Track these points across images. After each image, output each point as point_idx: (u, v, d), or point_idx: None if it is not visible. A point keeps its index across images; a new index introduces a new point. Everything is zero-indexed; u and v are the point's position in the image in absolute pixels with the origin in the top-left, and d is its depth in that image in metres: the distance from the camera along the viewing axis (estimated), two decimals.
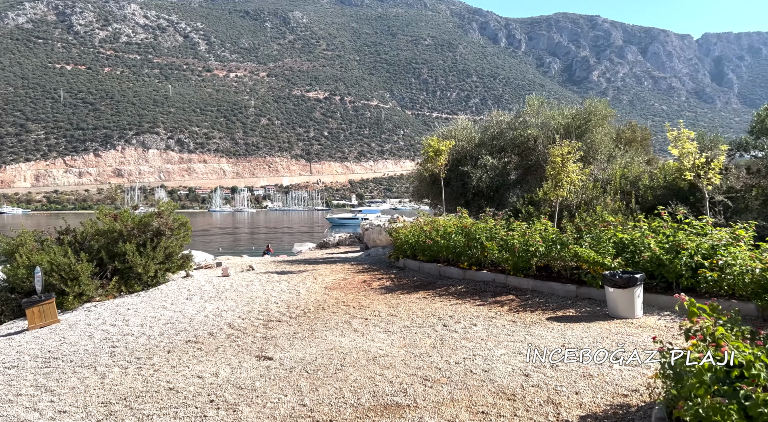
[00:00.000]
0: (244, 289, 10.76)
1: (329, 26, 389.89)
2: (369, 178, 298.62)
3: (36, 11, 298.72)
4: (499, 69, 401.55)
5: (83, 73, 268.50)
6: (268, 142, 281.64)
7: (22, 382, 6.06)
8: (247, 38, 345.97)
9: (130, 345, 7.31)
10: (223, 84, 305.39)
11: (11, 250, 11.40)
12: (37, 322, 9.22)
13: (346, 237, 22.21)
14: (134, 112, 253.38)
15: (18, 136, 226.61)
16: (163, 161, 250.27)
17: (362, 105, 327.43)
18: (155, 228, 12.04)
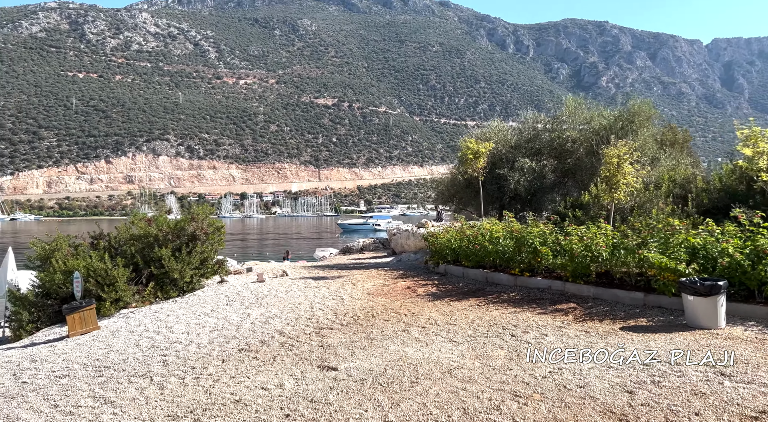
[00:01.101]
0: (284, 295, 10.48)
1: (338, 33, 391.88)
2: (377, 184, 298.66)
3: (49, 20, 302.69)
4: (507, 75, 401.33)
5: (95, 80, 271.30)
6: (277, 149, 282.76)
7: (78, 392, 5.80)
8: (256, 45, 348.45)
9: (181, 354, 7.04)
10: (233, 91, 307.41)
11: (46, 256, 11.21)
12: (77, 329, 8.99)
13: (369, 242, 21.92)
14: (145, 119, 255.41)
15: (31, 143, 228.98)
16: (173, 168, 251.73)
17: (370, 111, 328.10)
18: (190, 233, 11.83)
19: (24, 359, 7.65)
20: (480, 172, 12.20)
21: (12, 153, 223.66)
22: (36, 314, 10.28)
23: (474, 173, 12.25)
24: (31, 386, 6.18)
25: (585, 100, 14.00)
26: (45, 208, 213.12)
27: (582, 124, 13.45)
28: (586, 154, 12.43)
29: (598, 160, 10.72)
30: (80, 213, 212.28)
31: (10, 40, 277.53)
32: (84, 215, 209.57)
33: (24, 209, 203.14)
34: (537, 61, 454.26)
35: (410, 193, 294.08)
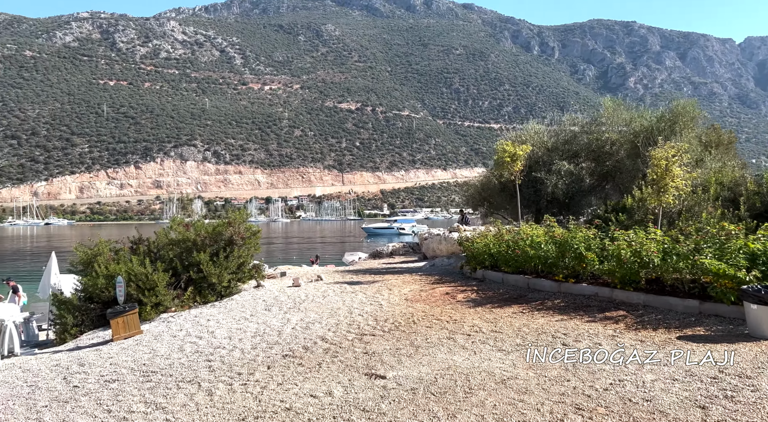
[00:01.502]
0: (322, 300, 10.45)
1: (361, 38, 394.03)
2: (400, 188, 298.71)
3: (82, 30, 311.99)
4: (532, 77, 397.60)
5: (125, 88, 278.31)
6: (301, 153, 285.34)
7: (129, 398, 5.83)
8: (281, 51, 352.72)
9: (226, 359, 7.04)
10: (258, 97, 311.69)
11: (88, 260, 11.42)
12: (121, 333, 9.10)
13: (399, 246, 21.81)
14: (173, 125, 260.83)
15: (64, 149, 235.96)
16: (200, 173, 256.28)
17: (393, 115, 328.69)
18: (227, 237, 11.91)
19: (72, 362, 7.76)
20: (517, 176, 12.00)
21: (46, 159, 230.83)
22: (80, 318, 10.46)
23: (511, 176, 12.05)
24: (82, 390, 6.24)
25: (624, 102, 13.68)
26: (77, 213, 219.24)
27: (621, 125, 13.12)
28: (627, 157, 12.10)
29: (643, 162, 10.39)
30: (111, 218, 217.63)
31: (44, 50, 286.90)
32: (114, 220, 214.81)
33: (57, 214, 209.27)
34: (562, 63, 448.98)
35: (433, 197, 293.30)
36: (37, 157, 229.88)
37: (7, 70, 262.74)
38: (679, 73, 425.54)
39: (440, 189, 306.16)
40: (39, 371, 7.49)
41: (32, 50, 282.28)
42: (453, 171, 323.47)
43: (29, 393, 6.35)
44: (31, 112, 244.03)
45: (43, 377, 7.06)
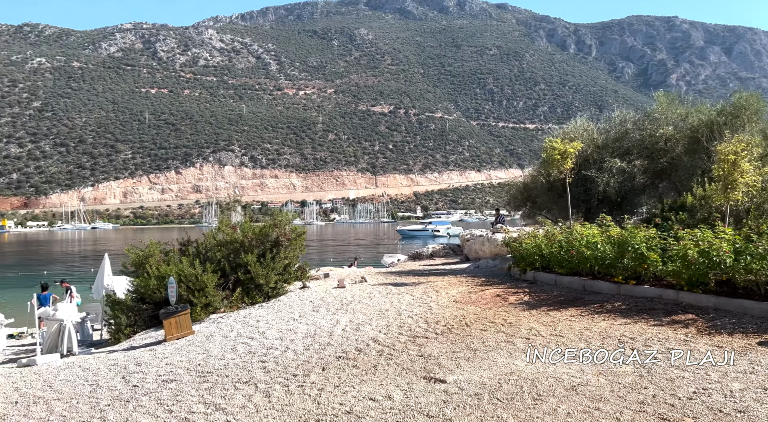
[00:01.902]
0: (369, 302, 10.33)
1: (394, 41, 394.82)
2: (434, 190, 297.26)
3: (125, 41, 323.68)
4: (569, 76, 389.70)
5: (166, 96, 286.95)
6: (335, 157, 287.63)
7: (188, 398, 5.83)
8: (315, 57, 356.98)
9: (280, 360, 6.99)
10: (293, 102, 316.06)
11: (140, 262, 11.65)
12: (174, 333, 9.21)
13: (439, 248, 21.56)
14: (211, 131, 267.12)
15: (109, 156, 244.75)
16: (237, 177, 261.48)
17: (426, 117, 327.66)
18: (273, 238, 11.95)
19: (129, 362, 7.87)
20: (567, 174, 11.61)
21: (93, 166, 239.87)
22: (133, 318, 10.66)
23: (560, 175, 11.66)
24: (142, 390, 6.29)
25: (679, 96, 13.05)
26: (121, 217, 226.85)
27: (676, 120, 12.52)
28: (684, 152, 11.53)
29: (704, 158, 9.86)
30: (153, 222, 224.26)
31: (91, 61, 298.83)
32: (156, 223, 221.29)
33: (103, 218, 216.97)
34: (600, 61, 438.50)
35: (467, 199, 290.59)
36: (84, 164, 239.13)
37: (56, 81, 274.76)
38: (725, 68, 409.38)
39: (474, 191, 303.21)
40: (98, 370, 7.62)
41: (79, 61, 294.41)
42: (487, 172, 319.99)
43: (91, 392, 6.44)
44: (78, 121, 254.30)
45: (102, 376, 7.18)
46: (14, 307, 19.98)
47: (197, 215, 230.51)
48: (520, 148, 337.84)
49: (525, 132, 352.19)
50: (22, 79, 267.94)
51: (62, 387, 6.80)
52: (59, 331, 9.51)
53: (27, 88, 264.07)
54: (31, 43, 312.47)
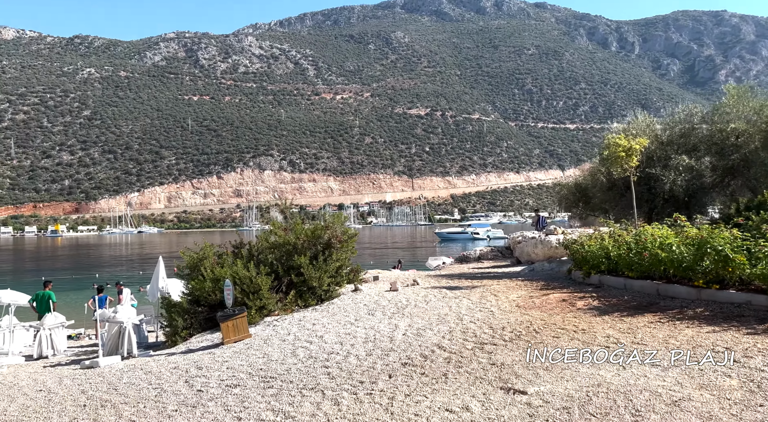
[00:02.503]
0: (425, 306, 10.02)
1: (430, 43, 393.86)
2: (471, 192, 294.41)
3: (169, 50, 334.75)
4: (610, 74, 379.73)
5: (207, 102, 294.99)
6: (371, 160, 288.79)
7: (255, 404, 5.67)
8: (351, 61, 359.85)
9: (343, 366, 6.76)
10: (330, 106, 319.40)
11: (194, 264, 11.71)
12: (231, 336, 9.14)
13: (487, 251, 21.03)
14: (251, 136, 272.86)
15: (154, 162, 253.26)
16: (276, 181, 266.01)
17: (463, 119, 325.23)
18: (326, 240, 11.81)
19: (189, 365, 7.81)
20: (632, 172, 10.99)
21: (138, 171, 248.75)
22: (189, 320, 10.69)
23: (625, 173, 11.05)
24: (207, 395, 6.17)
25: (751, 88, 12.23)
26: (166, 221, 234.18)
27: (750, 114, 11.71)
28: (762, 147, 10.74)
29: None
30: (196, 226, 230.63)
31: (136, 70, 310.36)
32: (199, 227, 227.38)
33: (148, 222, 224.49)
34: (643, 58, 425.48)
35: (506, 201, 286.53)
36: (131, 170, 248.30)
37: (104, 90, 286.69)
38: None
39: (513, 192, 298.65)
40: (160, 373, 7.59)
41: (126, 70, 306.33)
42: (526, 174, 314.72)
43: (156, 396, 6.38)
44: (125, 128, 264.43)
45: (165, 379, 7.13)
46: (71, 309, 20.65)
47: (238, 219, 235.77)
48: (560, 149, 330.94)
49: (565, 132, 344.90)
50: (73, 88, 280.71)
51: (127, 391, 6.77)
52: (119, 333, 9.59)
53: (78, 97, 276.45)
54: (81, 54, 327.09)
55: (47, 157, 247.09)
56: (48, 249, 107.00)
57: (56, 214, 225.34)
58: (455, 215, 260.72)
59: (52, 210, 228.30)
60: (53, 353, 10.97)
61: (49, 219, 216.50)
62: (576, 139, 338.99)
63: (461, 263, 20.41)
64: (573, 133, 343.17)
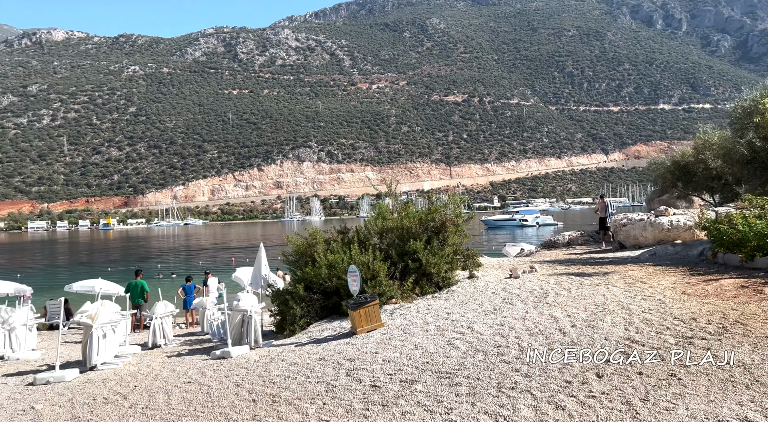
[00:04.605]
0: (568, 294, 9.11)
1: (466, 29, 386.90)
2: (511, 179, 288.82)
3: (208, 45, 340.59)
4: (656, 53, 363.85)
5: (247, 96, 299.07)
6: (408, 149, 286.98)
7: (456, 405, 4.94)
8: (387, 50, 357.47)
9: (528, 362, 5.94)
10: (366, 96, 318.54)
11: (303, 251, 11.14)
12: (364, 325, 8.50)
13: (576, 235, 19.84)
14: (290, 128, 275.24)
15: (197, 156, 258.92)
16: (315, 172, 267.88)
17: (502, 104, 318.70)
18: (438, 224, 11.02)
19: (333, 357, 7.18)
20: None
21: (183, 165, 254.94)
22: (306, 309, 10.13)
23: None
24: (387, 391, 5.48)
25: None
26: (210, 214, 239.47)
27: None
28: None
29: None
30: (238, 217, 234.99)
31: (178, 66, 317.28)
32: (242, 219, 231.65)
33: (193, 215, 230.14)
34: (691, 35, 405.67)
35: (548, 187, 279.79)
36: (175, 164, 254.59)
37: (149, 87, 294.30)
38: None
39: (555, 178, 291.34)
40: (309, 365, 6.99)
41: (168, 67, 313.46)
42: (568, 159, 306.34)
43: (327, 391, 5.75)
44: (169, 123, 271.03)
45: (324, 373, 6.51)
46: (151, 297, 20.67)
47: (279, 210, 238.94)
48: (603, 132, 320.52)
49: (608, 115, 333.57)
50: (119, 86, 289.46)
51: (289, 384, 6.17)
52: (242, 322, 9.10)
53: (124, 94, 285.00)
54: (126, 52, 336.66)
55: (97, 153, 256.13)
56: (102, 241, 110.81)
57: (107, 208, 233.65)
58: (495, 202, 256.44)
59: (103, 204, 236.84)
60: (165, 342, 10.63)
61: (101, 213, 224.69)
62: (620, 121, 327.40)
63: (550, 249, 19.30)
64: (617, 115, 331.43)
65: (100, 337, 7.85)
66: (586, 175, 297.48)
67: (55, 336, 14.30)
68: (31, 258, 68.70)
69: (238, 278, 14.96)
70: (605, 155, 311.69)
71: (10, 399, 6.45)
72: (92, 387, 6.81)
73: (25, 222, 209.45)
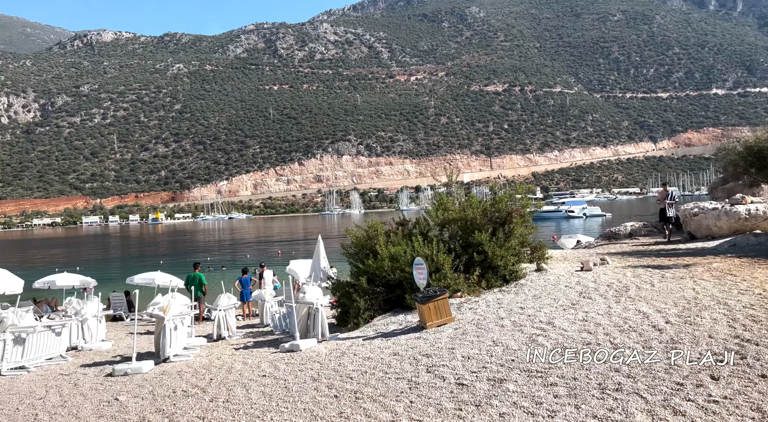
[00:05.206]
0: (651, 287, 8.54)
1: (507, 17, 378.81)
2: (554, 169, 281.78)
3: (249, 42, 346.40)
4: (708, 36, 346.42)
5: (287, 91, 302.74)
6: (447, 141, 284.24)
7: (557, 407, 4.57)
8: (425, 40, 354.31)
9: (630, 363, 5.50)
10: (405, 88, 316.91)
11: (363, 243, 10.93)
12: (434, 320, 8.20)
13: (638, 226, 18.91)
14: (329, 122, 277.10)
15: (240, 151, 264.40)
16: (354, 166, 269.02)
17: (544, 93, 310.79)
18: (504, 215, 10.57)
19: (411, 352, 6.91)
20: None
21: (226, 161, 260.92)
22: (369, 302, 9.92)
23: None
24: (476, 390, 5.16)
25: None
26: (253, 208, 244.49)
27: None
28: None
29: None
30: (281, 211, 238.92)
31: (221, 63, 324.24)
32: (284, 212, 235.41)
33: (237, 209, 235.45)
34: (747, 16, 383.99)
35: (592, 177, 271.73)
36: (219, 159, 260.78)
37: (192, 84, 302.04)
38: None
39: (600, 168, 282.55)
40: (384, 360, 6.74)
41: (211, 64, 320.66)
42: (614, 148, 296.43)
43: (411, 388, 5.48)
44: (212, 120, 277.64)
45: (402, 369, 6.25)
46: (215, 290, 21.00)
47: (320, 204, 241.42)
48: (651, 120, 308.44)
49: (657, 102, 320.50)
50: (165, 84, 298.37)
51: (368, 380, 5.94)
52: (308, 315, 8.96)
53: (169, 92, 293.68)
54: (170, 51, 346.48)
55: (145, 149, 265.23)
56: (152, 235, 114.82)
57: (155, 203, 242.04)
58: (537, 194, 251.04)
59: (151, 199, 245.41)
60: (229, 334, 10.65)
61: (149, 208, 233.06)
62: (669, 108, 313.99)
63: (611, 241, 18.47)
64: (666, 101, 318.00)
65: (171, 329, 7.86)
66: (633, 165, 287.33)
67: (118, 327, 14.69)
68: (88, 251, 71.85)
69: (292, 271, 14.92)
70: (653, 143, 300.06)
71: (92, 389, 6.50)
72: (169, 380, 6.79)
73: (79, 218, 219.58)
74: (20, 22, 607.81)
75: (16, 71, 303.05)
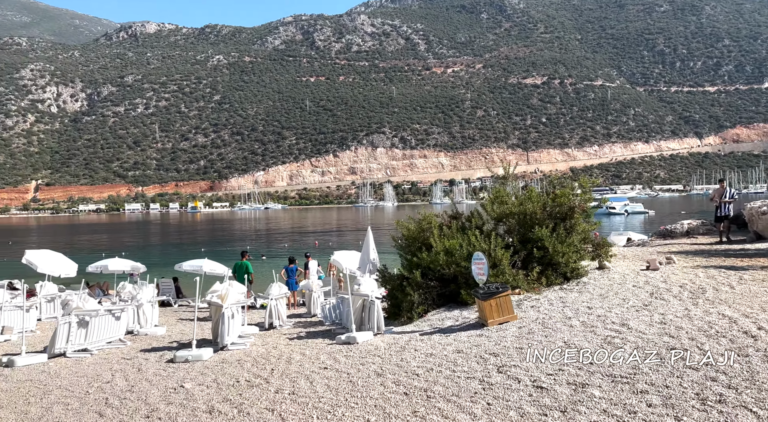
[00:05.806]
0: (730, 289, 8.00)
1: (547, 8, 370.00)
2: (593, 164, 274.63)
3: (287, 33, 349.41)
4: (762, 27, 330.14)
5: (323, 83, 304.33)
6: (483, 134, 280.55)
7: (652, 417, 4.22)
8: (463, 32, 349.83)
9: (724, 369, 5.08)
10: (441, 80, 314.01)
11: (415, 236, 10.67)
12: (495, 317, 7.88)
13: (696, 224, 17.99)
14: (364, 114, 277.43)
15: (276, 142, 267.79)
16: (388, 158, 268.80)
17: (584, 86, 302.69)
18: (565, 209, 10.12)
19: (476, 351, 6.63)
20: None
21: (263, 152, 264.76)
22: (423, 296, 9.67)
23: None
24: (557, 394, 4.84)
25: None
26: (288, 198, 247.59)
27: None
28: None
29: None
30: (315, 202, 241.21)
31: (259, 55, 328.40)
32: (318, 203, 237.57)
33: (273, 199, 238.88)
34: None
35: (633, 173, 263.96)
36: (256, 150, 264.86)
37: (231, 76, 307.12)
38: None
39: (641, 164, 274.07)
40: (449, 358, 6.48)
41: (250, 56, 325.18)
42: (656, 143, 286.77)
43: (485, 389, 5.20)
44: (250, 111, 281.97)
45: (470, 367, 5.97)
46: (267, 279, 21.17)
47: (353, 195, 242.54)
48: (697, 115, 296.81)
49: (704, 96, 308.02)
50: (205, 75, 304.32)
51: (437, 378, 5.69)
52: (362, 307, 8.78)
53: (209, 83, 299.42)
54: (211, 42, 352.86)
55: (185, 139, 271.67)
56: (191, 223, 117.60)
57: (194, 192, 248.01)
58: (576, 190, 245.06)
59: (190, 188, 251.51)
60: (280, 323, 10.60)
61: (189, 197, 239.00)
62: (717, 102, 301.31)
63: (666, 239, 17.64)
64: (713, 96, 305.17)
65: (229, 317, 7.82)
66: (677, 161, 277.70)
67: (167, 313, 14.89)
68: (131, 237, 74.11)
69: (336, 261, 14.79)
70: (699, 139, 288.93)
71: (156, 375, 6.49)
72: (230, 368, 6.72)
73: (122, 205, 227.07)
74: (69, 14, 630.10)
75: (65, 62, 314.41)
